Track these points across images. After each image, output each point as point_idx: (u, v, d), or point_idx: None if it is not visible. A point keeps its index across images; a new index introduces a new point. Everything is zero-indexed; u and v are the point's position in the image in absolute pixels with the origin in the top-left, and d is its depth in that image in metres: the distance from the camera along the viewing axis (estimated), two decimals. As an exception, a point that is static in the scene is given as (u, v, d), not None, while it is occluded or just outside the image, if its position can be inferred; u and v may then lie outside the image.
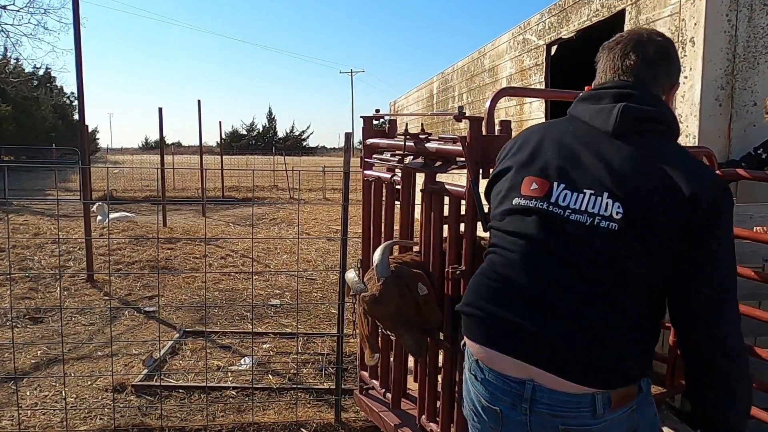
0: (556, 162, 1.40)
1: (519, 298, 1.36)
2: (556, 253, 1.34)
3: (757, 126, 3.24)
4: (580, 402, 1.30)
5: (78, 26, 6.89)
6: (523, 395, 1.33)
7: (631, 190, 1.30)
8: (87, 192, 7.41)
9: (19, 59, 31.84)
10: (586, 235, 1.31)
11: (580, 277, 1.31)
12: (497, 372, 1.37)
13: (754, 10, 3.25)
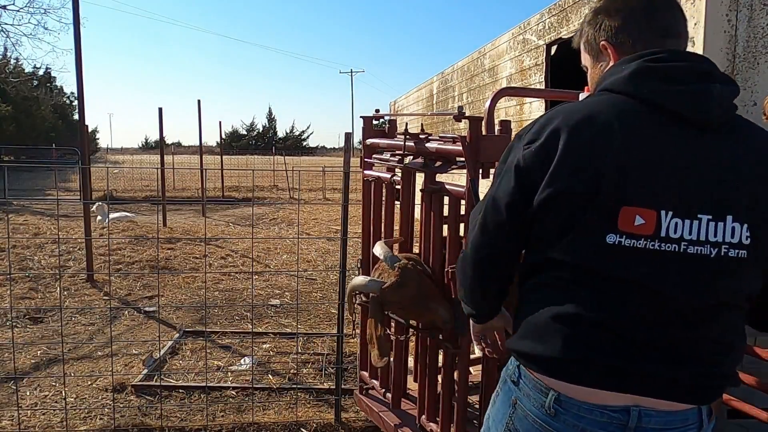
0: (655, 178, 1.10)
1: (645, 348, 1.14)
2: (674, 297, 1.12)
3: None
4: (687, 419, 1.17)
5: (78, 26, 6.90)
6: (628, 425, 1.13)
7: (754, 205, 1.11)
8: (87, 192, 7.41)
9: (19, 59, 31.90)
10: (710, 270, 1.11)
11: (704, 307, 1.13)
12: (592, 404, 1.14)
13: (754, 10, 3.25)
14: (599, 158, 1.11)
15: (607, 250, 1.11)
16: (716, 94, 1.12)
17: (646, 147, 1.12)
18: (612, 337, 1.13)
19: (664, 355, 1.12)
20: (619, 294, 1.13)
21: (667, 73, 1.14)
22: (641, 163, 1.11)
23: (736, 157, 1.13)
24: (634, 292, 1.12)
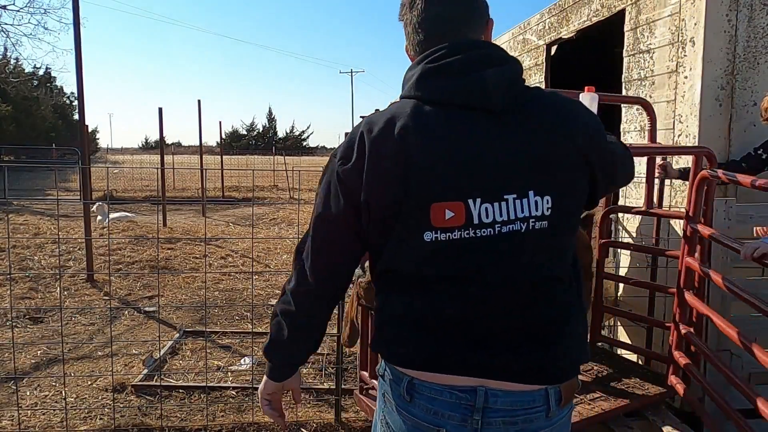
0: (456, 171, 1.16)
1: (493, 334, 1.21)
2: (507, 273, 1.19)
3: (757, 126, 3.23)
4: (534, 400, 1.21)
5: (78, 26, 6.90)
6: (475, 405, 1.19)
7: (553, 176, 1.19)
8: (87, 192, 7.41)
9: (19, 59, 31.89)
10: (525, 244, 1.18)
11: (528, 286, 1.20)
12: (442, 385, 1.20)
13: (754, 10, 3.25)
14: (401, 163, 1.16)
15: (426, 247, 1.17)
16: (490, 80, 1.16)
17: (443, 143, 1.16)
18: (451, 330, 1.20)
19: (501, 339, 1.19)
20: (448, 288, 1.19)
21: (447, 70, 1.19)
22: (441, 160, 1.15)
23: (529, 133, 1.18)
24: (461, 284, 1.18)
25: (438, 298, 1.20)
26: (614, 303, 3.73)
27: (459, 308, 1.19)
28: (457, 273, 1.18)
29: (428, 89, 1.20)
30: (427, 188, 1.16)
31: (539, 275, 1.20)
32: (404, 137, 1.17)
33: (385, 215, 1.20)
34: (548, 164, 1.18)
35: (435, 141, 1.17)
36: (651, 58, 3.72)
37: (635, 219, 3.73)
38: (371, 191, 1.19)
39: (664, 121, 3.48)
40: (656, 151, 3.01)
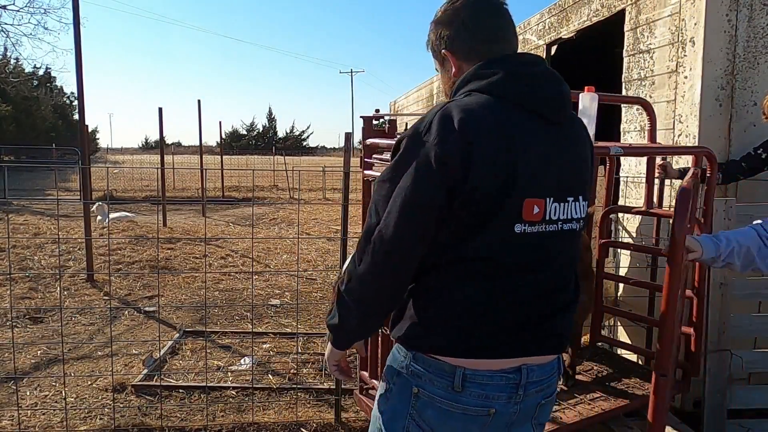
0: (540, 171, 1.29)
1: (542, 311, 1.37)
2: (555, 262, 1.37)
3: (757, 126, 3.24)
4: (554, 367, 1.41)
5: (78, 26, 6.89)
6: (520, 383, 1.32)
7: (587, 183, 1.44)
8: (87, 192, 7.42)
9: (19, 59, 31.88)
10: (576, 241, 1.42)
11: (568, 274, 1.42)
12: (493, 371, 1.31)
13: (754, 10, 3.25)
14: (510, 154, 1.25)
15: (515, 239, 1.28)
16: (565, 95, 1.35)
17: (531, 144, 1.28)
18: (510, 315, 1.31)
19: (540, 319, 1.34)
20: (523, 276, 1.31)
21: (535, 79, 1.33)
22: (532, 159, 1.28)
23: (575, 145, 1.39)
24: (532, 272, 1.32)
25: (512, 285, 1.31)
26: (614, 303, 3.74)
27: (526, 294, 1.32)
28: (531, 262, 1.31)
29: (517, 92, 1.30)
30: (525, 183, 1.26)
31: (570, 267, 1.42)
32: (508, 131, 1.26)
33: (485, 203, 1.25)
34: (586, 173, 1.42)
35: (532, 141, 1.29)
36: (651, 58, 3.72)
37: (635, 219, 3.73)
38: (481, 176, 1.23)
39: (664, 121, 3.48)
40: (656, 151, 3.01)
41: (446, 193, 1.24)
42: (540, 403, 1.38)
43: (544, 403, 1.40)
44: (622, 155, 2.66)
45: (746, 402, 2.95)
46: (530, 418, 1.39)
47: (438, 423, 1.32)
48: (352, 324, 1.40)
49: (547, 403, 1.41)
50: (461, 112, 1.25)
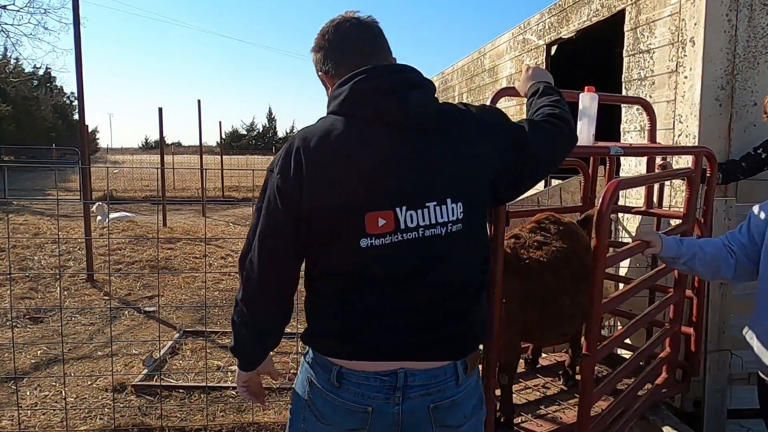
0: (386, 182, 1.31)
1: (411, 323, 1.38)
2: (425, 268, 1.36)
3: (757, 126, 3.23)
4: (445, 373, 1.41)
5: (78, 26, 6.90)
6: (396, 384, 1.37)
7: (467, 185, 1.38)
8: (87, 192, 7.41)
9: (19, 59, 31.87)
10: (443, 244, 1.36)
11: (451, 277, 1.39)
12: (367, 372, 1.37)
13: (754, 10, 3.25)
14: (338, 174, 1.31)
15: (362, 252, 1.31)
16: (413, 100, 1.33)
17: (375, 157, 1.31)
18: (378, 322, 1.36)
19: (419, 327, 1.37)
20: (380, 287, 1.35)
21: (377, 90, 1.33)
22: (373, 173, 1.31)
23: (444, 146, 1.36)
24: (391, 283, 1.35)
25: (371, 295, 1.36)
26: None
27: (388, 304, 1.36)
28: (388, 273, 1.34)
29: (360, 107, 1.34)
30: (362, 198, 1.30)
31: (456, 272, 1.39)
32: (340, 150, 1.32)
33: (324, 223, 1.33)
34: (460, 174, 1.36)
35: (368, 155, 1.32)
36: (651, 58, 3.72)
37: (635, 219, 3.73)
38: (312, 200, 1.32)
39: (664, 121, 3.48)
40: (656, 151, 3.01)
41: (293, 221, 1.34)
42: (431, 407, 1.39)
43: (439, 407, 1.40)
44: (622, 155, 2.66)
45: (746, 402, 2.95)
46: (427, 422, 1.39)
47: (327, 413, 1.41)
48: (249, 345, 1.53)
49: (444, 408, 1.40)
50: (300, 140, 1.35)
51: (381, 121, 1.33)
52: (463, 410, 1.45)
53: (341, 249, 1.34)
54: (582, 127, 2.35)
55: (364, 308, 1.36)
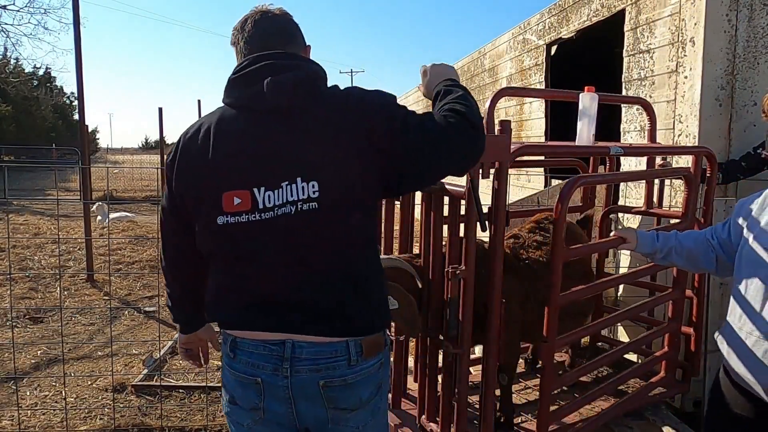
0: (244, 164, 1.39)
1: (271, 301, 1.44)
2: (288, 245, 1.41)
3: (757, 126, 3.23)
4: (336, 350, 1.42)
5: (78, 26, 6.90)
6: (284, 356, 1.41)
7: (321, 165, 1.39)
8: (87, 192, 7.41)
9: (19, 59, 31.86)
10: (294, 222, 1.39)
11: (310, 255, 1.41)
12: (257, 340, 1.43)
13: (754, 10, 3.25)
14: (200, 159, 1.43)
15: (221, 230, 1.41)
16: (269, 87, 1.38)
17: (235, 141, 1.41)
18: (259, 297, 1.43)
19: (290, 302, 1.42)
20: (245, 264, 1.43)
21: (242, 80, 1.43)
22: (232, 155, 1.41)
23: (306, 128, 1.39)
24: (253, 260, 1.42)
25: (237, 272, 1.45)
26: (614, 303, 3.73)
27: (256, 280, 1.43)
28: (248, 250, 1.42)
29: (230, 96, 1.46)
30: (221, 179, 1.40)
31: (315, 252, 1.41)
32: (206, 137, 1.44)
33: (191, 204, 1.48)
34: (315, 154, 1.38)
35: (229, 140, 1.42)
36: (651, 58, 3.72)
37: (635, 219, 3.72)
38: (179, 183, 1.49)
39: (664, 121, 3.48)
40: (656, 151, 3.01)
41: (172, 201, 1.53)
42: (321, 383, 1.42)
43: (330, 385, 1.42)
44: (622, 155, 2.65)
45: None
46: (318, 399, 1.43)
47: (230, 387, 1.49)
48: (172, 307, 1.73)
49: (335, 387, 1.43)
50: (184, 131, 1.52)
51: (245, 108, 1.43)
52: (358, 393, 1.46)
53: (204, 227, 1.46)
54: (582, 127, 2.35)
55: (235, 284, 1.46)
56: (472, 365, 2.46)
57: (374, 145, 1.39)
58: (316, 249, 1.41)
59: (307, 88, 1.42)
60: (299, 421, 1.46)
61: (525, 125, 6.18)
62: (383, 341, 1.51)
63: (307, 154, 1.38)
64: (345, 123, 1.39)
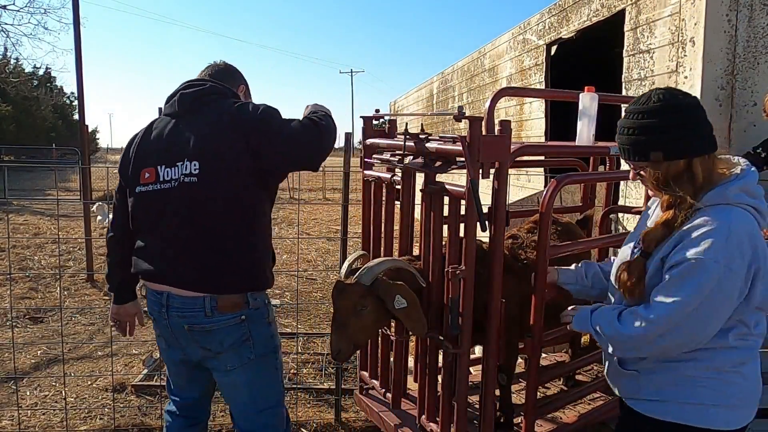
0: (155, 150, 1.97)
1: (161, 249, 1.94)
2: (173, 210, 1.90)
3: (757, 126, 3.24)
4: (196, 304, 1.89)
5: (78, 26, 6.89)
6: (162, 303, 1.94)
7: (202, 150, 1.90)
8: (87, 192, 7.41)
9: (19, 59, 31.80)
10: (179, 192, 1.89)
11: (190, 217, 1.89)
12: (152, 289, 1.98)
13: (754, 10, 3.25)
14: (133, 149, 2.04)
15: (137, 197, 1.98)
16: (182, 97, 1.98)
17: (155, 137, 2.00)
18: (150, 254, 1.97)
19: (179, 259, 1.90)
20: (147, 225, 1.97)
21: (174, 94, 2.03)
22: (150, 144, 2.00)
23: (196, 125, 1.94)
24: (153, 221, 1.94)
25: (146, 232, 1.98)
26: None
27: (157, 239, 1.94)
28: (153, 213, 1.94)
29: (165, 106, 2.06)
30: (139, 162, 1.99)
31: (191, 217, 1.88)
32: (140, 135, 2.06)
33: (125, 180, 2.05)
34: (199, 142, 1.90)
35: (151, 135, 2.02)
36: (651, 58, 3.73)
37: (635, 219, 3.73)
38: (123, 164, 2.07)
39: (664, 121, 3.48)
40: (656, 151, 3.00)
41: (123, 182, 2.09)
42: (186, 327, 1.92)
43: (193, 329, 1.92)
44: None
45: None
46: (188, 338, 1.95)
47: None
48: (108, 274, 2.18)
49: (197, 331, 1.92)
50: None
51: (167, 114, 2.02)
52: (219, 339, 1.93)
53: (130, 196, 2.02)
54: (582, 127, 2.35)
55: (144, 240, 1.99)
56: (472, 365, 2.46)
57: (246, 136, 1.88)
58: (194, 216, 1.88)
59: (204, 99, 1.98)
60: (187, 354, 2.01)
61: (525, 125, 6.18)
62: (242, 302, 1.94)
63: (193, 142, 1.90)
64: (225, 123, 1.91)
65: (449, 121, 9.57)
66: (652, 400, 1.61)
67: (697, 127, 1.57)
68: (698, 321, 1.46)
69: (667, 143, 1.52)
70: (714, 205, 1.52)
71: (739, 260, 1.43)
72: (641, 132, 1.54)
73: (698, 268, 1.43)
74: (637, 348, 1.55)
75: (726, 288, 1.43)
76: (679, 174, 1.54)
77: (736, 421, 1.56)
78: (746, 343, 1.55)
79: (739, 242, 1.44)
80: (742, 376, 1.55)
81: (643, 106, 1.55)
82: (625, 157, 1.61)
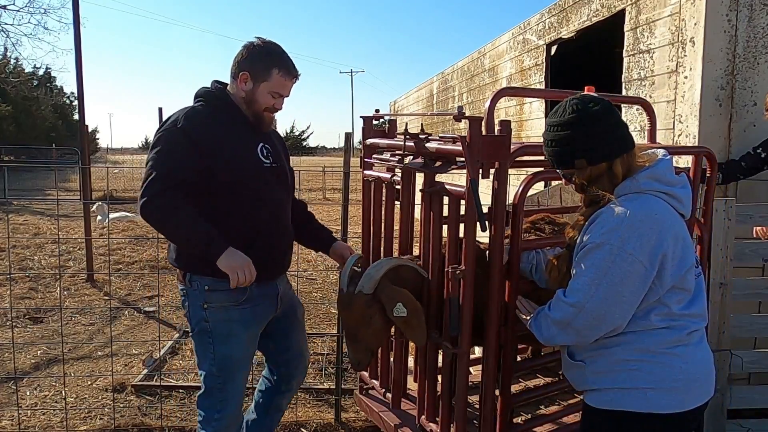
0: None
1: None
2: None
3: (757, 126, 3.24)
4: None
5: (78, 26, 6.90)
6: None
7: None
8: (87, 192, 7.41)
9: (19, 59, 31.77)
10: None
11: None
12: None
13: (754, 10, 3.25)
14: None
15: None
16: None
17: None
18: None
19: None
20: None
21: None
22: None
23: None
24: None
25: None
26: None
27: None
28: None
29: None
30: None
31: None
32: None
33: None
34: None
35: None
36: (651, 58, 3.73)
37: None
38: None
39: (664, 121, 3.49)
40: (656, 151, 3.00)
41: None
42: None
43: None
44: (622, 155, 2.65)
45: (746, 402, 2.95)
46: None
47: None
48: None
49: None
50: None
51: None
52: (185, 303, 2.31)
53: None
54: (582, 127, 2.34)
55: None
56: (472, 365, 2.45)
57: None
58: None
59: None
60: None
61: (525, 125, 6.18)
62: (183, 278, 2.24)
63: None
64: None
65: (449, 121, 9.57)
66: (596, 389, 1.65)
67: (614, 132, 1.64)
68: (602, 301, 1.53)
69: (587, 151, 1.62)
70: (626, 194, 1.60)
71: (635, 242, 1.51)
72: (562, 143, 1.65)
73: (593, 250, 1.55)
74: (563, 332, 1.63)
75: (622, 268, 1.51)
76: (601, 175, 1.63)
77: (679, 404, 1.56)
78: (677, 323, 1.58)
79: (637, 225, 1.52)
80: (680, 358, 1.57)
81: (560, 119, 1.65)
82: (553, 167, 1.73)
